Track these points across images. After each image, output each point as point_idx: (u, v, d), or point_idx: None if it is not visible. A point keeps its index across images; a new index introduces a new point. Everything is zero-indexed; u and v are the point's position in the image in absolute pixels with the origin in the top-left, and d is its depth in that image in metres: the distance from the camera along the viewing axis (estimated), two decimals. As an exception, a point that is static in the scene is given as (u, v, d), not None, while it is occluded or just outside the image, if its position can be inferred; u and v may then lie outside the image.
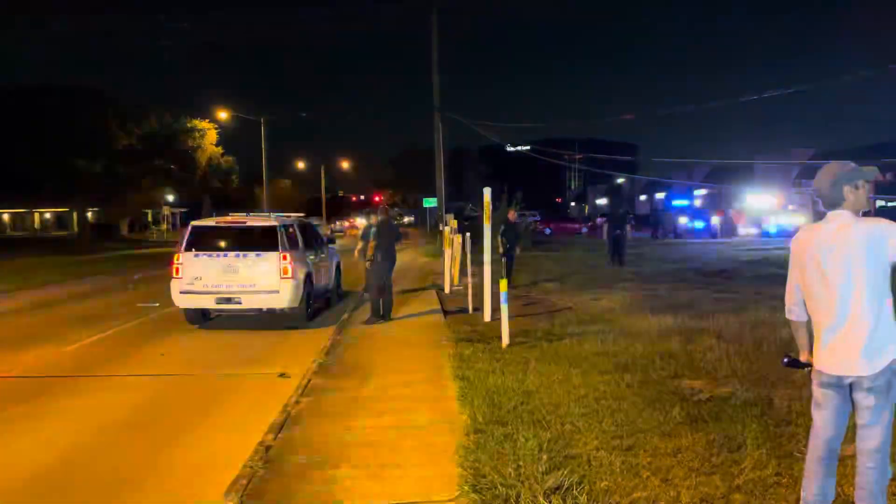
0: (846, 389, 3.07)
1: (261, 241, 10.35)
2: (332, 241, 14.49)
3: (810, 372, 3.23)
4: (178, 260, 10.25)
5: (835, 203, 3.09)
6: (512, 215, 16.19)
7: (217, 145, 50.13)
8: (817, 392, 3.15)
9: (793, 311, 3.30)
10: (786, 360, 3.36)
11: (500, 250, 14.21)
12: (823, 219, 3.15)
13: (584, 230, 51.72)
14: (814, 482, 3.18)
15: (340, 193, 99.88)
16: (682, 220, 42.37)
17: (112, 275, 20.40)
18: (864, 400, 3.02)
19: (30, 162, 36.34)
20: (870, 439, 3.05)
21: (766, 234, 37.54)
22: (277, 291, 10.08)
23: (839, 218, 3.08)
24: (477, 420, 5.33)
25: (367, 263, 10.84)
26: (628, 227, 24.24)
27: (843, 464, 3.29)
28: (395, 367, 7.61)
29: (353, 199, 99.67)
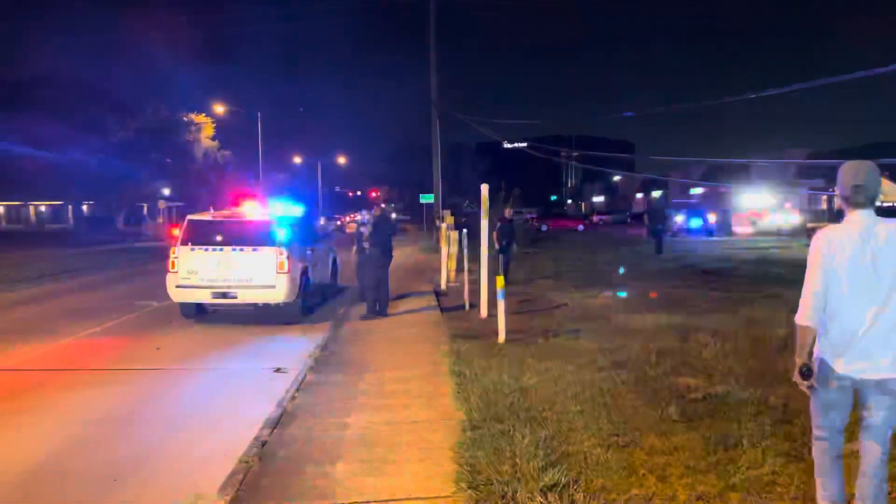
0: (856, 391, 3.08)
1: (257, 235, 10.32)
2: (329, 235, 14.48)
3: (807, 376, 3.19)
4: (174, 254, 10.22)
5: (872, 200, 3.03)
6: (508, 212, 16.20)
7: (213, 139, 50.03)
8: (832, 395, 3.11)
9: (811, 318, 3.09)
10: (804, 369, 3.13)
11: (496, 247, 14.23)
12: (846, 219, 3.08)
13: (581, 227, 51.78)
14: (834, 482, 3.19)
15: (337, 189, 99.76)
16: (679, 219, 42.38)
17: (107, 269, 20.31)
18: (885, 401, 3.03)
19: (25, 155, 36.19)
20: (878, 439, 3.07)
21: (762, 233, 37.61)
22: (273, 286, 10.05)
23: (870, 217, 3.02)
24: (473, 417, 5.33)
25: (353, 255, 10.87)
26: (669, 222, 28.56)
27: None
28: (391, 363, 7.60)
29: (350, 194, 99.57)
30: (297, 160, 62.85)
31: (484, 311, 10.25)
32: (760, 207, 42.28)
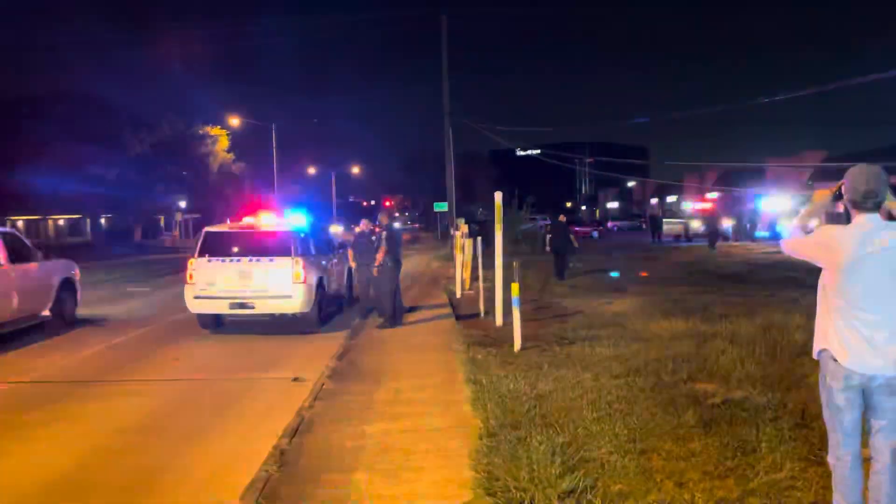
0: (864, 392, 3.10)
1: (273, 246, 10.42)
2: (344, 245, 14.55)
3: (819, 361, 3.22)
4: (191, 265, 10.33)
5: (879, 205, 3.11)
6: (562, 217, 17.82)
7: (228, 151, 50.53)
8: (840, 397, 3.14)
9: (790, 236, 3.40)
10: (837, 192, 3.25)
11: (548, 249, 16.06)
12: (853, 222, 3.14)
13: (595, 234, 51.52)
14: (851, 487, 3.19)
15: (351, 198, 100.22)
16: (694, 224, 42.07)
17: (126, 281, 20.53)
18: (893, 401, 3.07)
19: (43, 169, 36.70)
20: (889, 439, 3.08)
21: (778, 237, 37.28)
22: (290, 296, 10.13)
23: (876, 221, 3.11)
24: (490, 424, 5.35)
25: (375, 270, 10.87)
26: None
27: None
28: (407, 372, 7.64)
29: (364, 203, 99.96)
30: (312, 171, 63.25)
31: (499, 319, 10.26)
32: (776, 211, 41.90)
